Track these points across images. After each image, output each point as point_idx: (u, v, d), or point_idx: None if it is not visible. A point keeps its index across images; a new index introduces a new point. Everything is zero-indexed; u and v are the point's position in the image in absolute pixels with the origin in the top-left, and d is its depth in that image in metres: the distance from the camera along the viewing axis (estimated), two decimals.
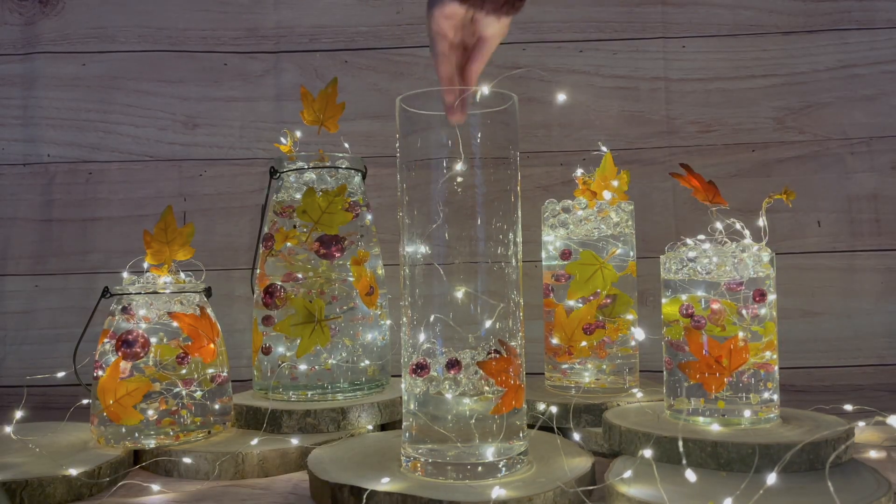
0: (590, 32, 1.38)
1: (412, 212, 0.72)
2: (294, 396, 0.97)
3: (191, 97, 1.38)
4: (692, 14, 1.37)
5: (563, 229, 0.99)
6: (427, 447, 0.71)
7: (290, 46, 1.38)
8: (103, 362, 0.86)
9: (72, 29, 1.38)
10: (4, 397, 1.28)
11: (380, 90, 1.37)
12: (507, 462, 0.71)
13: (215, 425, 0.90)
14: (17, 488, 0.72)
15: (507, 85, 1.36)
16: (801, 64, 1.35)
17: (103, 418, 0.85)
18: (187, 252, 0.91)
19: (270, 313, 0.98)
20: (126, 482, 0.80)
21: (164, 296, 0.88)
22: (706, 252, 0.81)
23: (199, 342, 0.88)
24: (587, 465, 0.73)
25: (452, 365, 0.69)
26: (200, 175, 1.38)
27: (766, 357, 0.80)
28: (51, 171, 1.37)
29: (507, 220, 0.72)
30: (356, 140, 1.33)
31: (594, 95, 1.37)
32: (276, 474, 0.83)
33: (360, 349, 0.99)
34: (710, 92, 1.37)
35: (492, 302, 0.70)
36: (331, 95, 1.01)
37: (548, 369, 1.03)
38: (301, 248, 0.98)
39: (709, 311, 0.80)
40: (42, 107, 1.38)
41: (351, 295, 0.99)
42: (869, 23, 1.34)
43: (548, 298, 1.01)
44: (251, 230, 1.36)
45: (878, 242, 1.34)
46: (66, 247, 1.36)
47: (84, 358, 0.94)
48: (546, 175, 1.37)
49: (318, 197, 0.96)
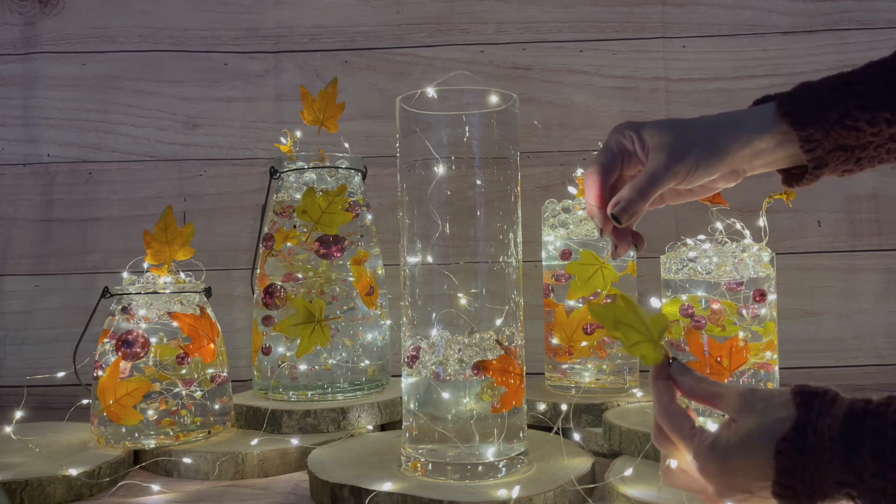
0: (590, 32, 1.37)
1: (412, 212, 0.72)
2: (294, 396, 0.97)
3: (191, 97, 1.38)
4: (692, 14, 1.37)
5: (563, 229, 0.99)
6: (427, 447, 0.71)
7: (290, 46, 1.38)
8: (103, 362, 0.86)
9: (72, 29, 1.38)
10: (4, 397, 1.28)
11: (380, 90, 1.37)
12: (507, 462, 0.71)
13: (215, 425, 0.90)
14: (17, 488, 0.72)
15: (508, 85, 1.36)
16: (801, 64, 1.35)
17: (103, 418, 0.85)
18: (187, 252, 0.91)
19: (270, 313, 0.98)
20: (126, 482, 0.80)
21: (164, 296, 0.88)
22: (706, 252, 0.81)
23: (199, 342, 0.88)
24: (587, 465, 0.73)
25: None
26: (200, 175, 1.38)
27: (767, 357, 0.80)
28: (51, 171, 1.37)
29: (507, 220, 0.72)
30: (356, 140, 1.33)
31: (594, 95, 1.37)
32: (276, 474, 0.83)
33: (360, 349, 0.99)
34: (710, 92, 1.37)
35: (488, 306, 0.70)
36: (331, 95, 1.01)
37: (548, 369, 1.03)
38: (301, 248, 0.98)
39: (709, 311, 0.80)
40: (42, 107, 1.37)
41: (351, 295, 0.99)
42: (869, 23, 1.34)
43: (548, 298, 1.01)
44: (251, 230, 1.36)
45: (878, 242, 1.34)
46: (66, 247, 1.36)
47: (84, 358, 0.94)
48: (546, 175, 1.37)
49: (318, 197, 0.96)
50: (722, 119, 0.60)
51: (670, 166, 0.58)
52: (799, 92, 0.58)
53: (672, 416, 0.51)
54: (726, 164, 0.59)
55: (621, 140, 0.61)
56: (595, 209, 0.62)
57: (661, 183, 0.58)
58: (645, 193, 0.58)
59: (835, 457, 0.42)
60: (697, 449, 0.48)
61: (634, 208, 0.59)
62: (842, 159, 0.57)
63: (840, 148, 0.56)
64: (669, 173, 0.58)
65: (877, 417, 0.42)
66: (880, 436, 0.41)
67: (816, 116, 0.56)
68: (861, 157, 0.57)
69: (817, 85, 0.57)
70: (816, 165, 0.57)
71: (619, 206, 0.59)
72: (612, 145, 0.62)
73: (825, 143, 0.56)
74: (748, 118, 0.59)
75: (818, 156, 0.57)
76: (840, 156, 0.57)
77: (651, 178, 0.58)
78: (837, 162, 0.57)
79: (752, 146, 0.58)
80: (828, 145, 0.56)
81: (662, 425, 0.52)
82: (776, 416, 0.45)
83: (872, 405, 0.43)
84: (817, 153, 0.56)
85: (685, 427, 0.50)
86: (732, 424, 0.48)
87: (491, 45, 1.37)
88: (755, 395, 0.48)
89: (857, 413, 0.43)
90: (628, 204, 0.59)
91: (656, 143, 0.59)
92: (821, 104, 0.56)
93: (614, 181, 0.62)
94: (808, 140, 0.56)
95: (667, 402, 0.52)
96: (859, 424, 0.42)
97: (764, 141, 0.58)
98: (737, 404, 0.48)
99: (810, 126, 0.56)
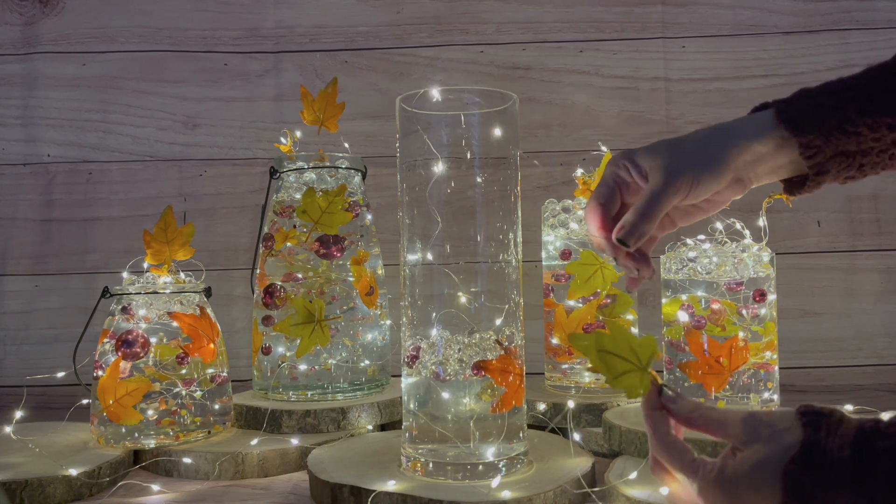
0: (590, 32, 1.37)
1: (412, 212, 0.72)
2: (294, 396, 0.97)
3: (191, 97, 1.38)
4: (692, 14, 1.37)
5: (563, 229, 0.99)
6: (427, 447, 0.71)
7: (290, 46, 1.38)
8: (103, 362, 0.86)
9: (72, 29, 1.38)
10: (4, 397, 1.28)
11: (380, 90, 1.37)
12: (507, 462, 0.71)
13: (215, 425, 0.90)
14: (17, 488, 0.72)
15: (508, 85, 1.36)
16: (802, 64, 1.35)
17: (103, 418, 0.85)
18: (187, 252, 0.91)
19: (270, 313, 0.98)
20: (126, 482, 0.80)
21: (164, 296, 0.88)
22: (706, 252, 0.81)
23: (199, 342, 0.88)
24: (587, 465, 0.73)
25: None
26: (200, 175, 1.38)
27: (767, 357, 0.80)
28: (51, 171, 1.37)
29: (507, 220, 0.72)
30: (356, 140, 1.33)
31: (594, 95, 1.37)
32: (276, 474, 0.83)
33: (360, 349, 0.99)
34: (710, 92, 1.37)
35: (488, 304, 0.70)
36: (331, 95, 1.01)
37: (548, 369, 1.03)
38: (301, 248, 0.98)
39: (709, 311, 0.80)
40: (42, 107, 1.38)
41: (351, 295, 0.99)
42: (869, 23, 1.34)
43: (548, 298, 1.01)
44: (251, 230, 1.36)
45: (878, 242, 1.34)
46: (66, 247, 1.36)
47: (84, 358, 0.94)
48: (546, 175, 1.37)
49: (318, 197, 0.96)
50: (717, 129, 0.59)
51: (670, 183, 0.57)
52: (798, 98, 0.57)
53: (671, 449, 0.49)
54: (727, 172, 0.58)
55: (616, 171, 0.61)
56: (601, 240, 0.62)
57: (662, 201, 0.58)
58: (647, 214, 0.58)
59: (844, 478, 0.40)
60: (702, 482, 0.46)
61: (639, 231, 0.58)
62: (843, 165, 0.56)
63: (841, 154, 0.56)
64: (670, 190, 0.57)
65: (888, 438, 0.41)
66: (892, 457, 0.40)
67: (816, 122, 0.55)
68: (863, 164, 0.56)
69: (816, 91, 0.57)
70: (818, 172, 0.57)
71: (623, 230, 0.59)
72: (608, 178, 0.61)
73: (825, 149, 0.55)
74: (745, 125, 0.58)
75: (819, 162, 0.56)
76: (841, 162, 0.56)
77: (651, 198, 0.58)
78: (839, 168, 0.56)
79: (751, 151, 0.57)
80: (828, 151, 0.55)
81: (661, 459, 0.50)
82: (784, 443, 0.43)
83: (883, 425, 0.41)
84: (818, 159, 0.56)
85: (686, 459, 0.48)
86: (737, 454, 0.46)
87: (491, 45, 1.37)
88: (759, 421, 0.46)
89: (868, 433, 0.41)
90: (632, 227, 0.58)
91: (652, 165, 0.59)
92: (820, 110, 0.55)
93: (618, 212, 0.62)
94: (807, 146, 0.55)
95: (663, 434, 0.50)
96: (870, 445, 0.41)
97: (763, 145, 0.57)
98: (740, 432, 0.46)
99: (810, 132, 0.55)
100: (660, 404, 0.50)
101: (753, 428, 0.46)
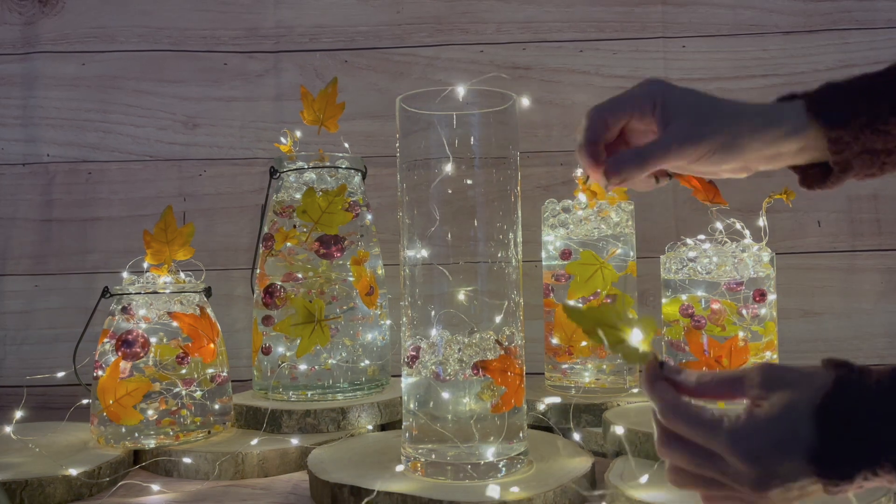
0: (590, 32, 1.37)
1: (412, 212, 0.72)
2: (294, 396, 0.97)
3: (191, 97, 1.38)
4: (692, 14, 1.37)
5: (563, 229, 0.99)
6: (427, 447, 0.71)
7: (290, 46, 1.38)
8: (103, 362, 0.86)
9: (72, 29, 1.38)
10: (4, 397, 1.28)
11: (380, 90, 1.37)
12: (507, 462, 0.70)
13: (215, 425, 0.90)
14: (17, 488, 0.72)
15: (508, 85, 1.36)
16: (802, 64, 1.35)
17: (103, 418, 0.85)
18: (187, 252, 0.91)
19: (270, 313, 0.98)
20: (126, 482, 0.80)
21: (164, 296, 0.88)
22: (706, 252, 0.82)
23: (199, 342, 0.88)
24: (587, 465, 0.73)
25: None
26: (200, 175, 1.38)
27: (767, 357, 0.80)
28: (51, 171, 1.37)
29: (507, 220, 0.72)
30: (356, 140, 1.33)
31: (594, 95, 1.37)
32: (276, 474, 0.83)
33: (360, 349, 0.99)
34: (710, 92, 1.37)
35: (488, 300, 0.70)
36: (331, 95, 1.01)
37: (548, 369, 1.03)
38: (301, 248, 0.98)
39: (709, 311, 0.80)
40: (42, 107, 1.37)
41: (351, 295, 0.99)
42: (869, 23, 1.34)
43: (548, 298, 1.01)
44: (251, 230, 1.36)
45: (878, 242, 1.34)
46: (66, 247, 1.36)
47: (84, 358, 0.94)
48: (546, 175, 1.37)
49: (318, 197, 0.96)
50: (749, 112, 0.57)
51: (685, 146, 0.55)
52: (828, 91, 0.55)
53: (684, 411, 0.45)
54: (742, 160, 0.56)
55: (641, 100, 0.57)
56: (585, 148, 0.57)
57: (666, 159, 0.55)
58: (646, 162, 0.55)
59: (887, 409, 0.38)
60: (731, 433, 0.42)
61: (629, 173, 0.55)
62: (867, 163, 0.55)
63: (866, 152, 0.54)
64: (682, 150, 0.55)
65: None
66: None
67: (847, 118, 0.54)
68: (886, 162, 0.55)
69: (846, 85, 0.55)
70: (843, 169, 0.55)
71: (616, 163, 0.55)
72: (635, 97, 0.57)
73: (854, 145, 0.54)
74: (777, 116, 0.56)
75: (845, 158, 0.55)
76: (866, 159, 0.55)
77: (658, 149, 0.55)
78: (862, 165, 0.55)
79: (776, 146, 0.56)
80: (856, 148, 0.54)
81: (674, 425, 0.45)
82: (815, 384, 0.41)
83: None
84: (844, 155, 0.54)
85: (704, 416, 0.44)
86: (763, 403, 0.42)
87: (491, 44, 1.37)
88: (782, 368, 0.43)
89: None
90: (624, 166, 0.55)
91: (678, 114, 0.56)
92: (852, 105, 0.54)
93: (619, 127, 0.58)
94: (836, 142, 0.54)
95: (672, 398, 0.46)
96: None
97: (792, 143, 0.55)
98: (761, 381, 0.43)
99: (840, 128, 0.54)
100: (662, 375, 0.47)
101: (778, 375, 0.43)
